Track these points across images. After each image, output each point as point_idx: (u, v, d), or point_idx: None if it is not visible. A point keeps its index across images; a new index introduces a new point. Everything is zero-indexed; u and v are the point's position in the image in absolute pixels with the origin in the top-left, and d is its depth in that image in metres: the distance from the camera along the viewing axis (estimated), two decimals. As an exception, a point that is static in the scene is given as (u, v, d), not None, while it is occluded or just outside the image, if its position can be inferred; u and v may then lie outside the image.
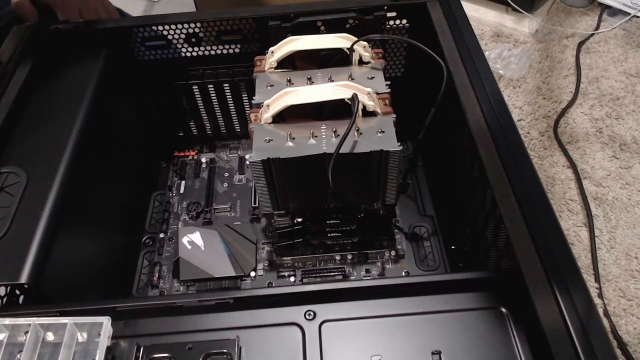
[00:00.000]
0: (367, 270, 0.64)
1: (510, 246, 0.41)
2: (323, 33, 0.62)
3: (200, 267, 0.64)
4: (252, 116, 0.52)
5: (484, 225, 0.50)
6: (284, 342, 0.40)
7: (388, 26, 0.65)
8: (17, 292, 0.45)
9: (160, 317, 0.41)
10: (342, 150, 0.46)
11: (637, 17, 1.10)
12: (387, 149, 0.47)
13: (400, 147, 0.48)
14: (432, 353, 0.38)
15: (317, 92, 0.49)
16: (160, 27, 0.64)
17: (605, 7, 1.14)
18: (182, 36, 0.65)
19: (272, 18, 0.62)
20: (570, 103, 0.95)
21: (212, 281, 0.64)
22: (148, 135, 0.76)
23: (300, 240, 0.62)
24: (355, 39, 0.54)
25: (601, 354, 0.34)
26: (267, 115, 0.50)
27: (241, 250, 0.65)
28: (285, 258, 0.65)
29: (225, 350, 0.39)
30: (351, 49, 0.54)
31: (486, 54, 0.96)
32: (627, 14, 1.10)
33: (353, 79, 0.53)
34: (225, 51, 0.67)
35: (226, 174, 0.76)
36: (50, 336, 0.39)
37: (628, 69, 1.00)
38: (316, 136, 0.49)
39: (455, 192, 0.61)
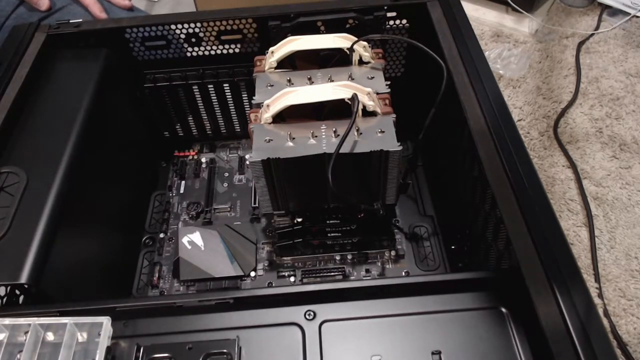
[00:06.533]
0: (367, 270, 0.64)
1: (510, 246, 0.41)
2: (323, 33, 0.62)
3: (200, 267, 0.64)
4: (252, 116, 0.52)
5: (484, 225, 0.50)
6: (284, 342, 0.40)
7: (388, 26, 0.65)
8: (17, 292, 0.45)
9: (160, 317, 0.41)
10: (342, 150, 0.46)
11: (637, 17, 1.10)
12: (387, 149, 0.47)
13: (400, 147, 0.48)
14: (432, 353, 0.38)
15: (317, 92, 0.49)
16: (160, 27, 0.64)
17: (605, 7, 1.14)
18: (182, 36, 0.65)
19: (272, 18, 0.62)
20: (570, 103, 0.95)
21: (212, 281, 0.64)
22: (148, 135, 0.76)
23: (300, 240, 0.62)
24: (355, 39, 0.54)
25: (601, 354, 0.33)
26: (267, 115, 0.50)
27: (241, 250, 0.65)
28: (285, 258, 0.65)
29: (225, 350, 0.39)
30: (351, 49, 0.54)
31: (486, 54, 0.96)
32: (627, 14, 1.10)
33: (353, 79, 0.53)
34: (225, 51, 0.67)
35: (226, 174, 0.76)
36: (50, 336, 0.39)
37: (628, 69, 1.00)
38: (316, 136, 0.49)
39: (455, 192, 0.61)
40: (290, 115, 0.51)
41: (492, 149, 0.47)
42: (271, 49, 0.56)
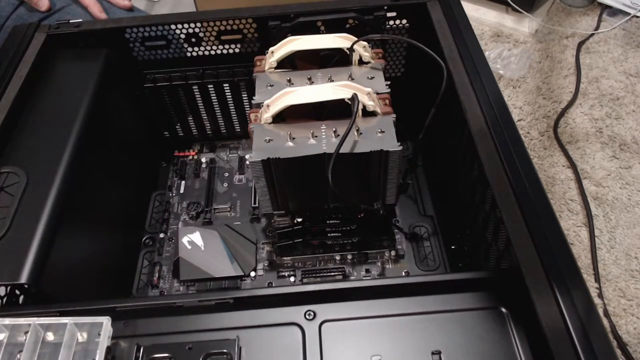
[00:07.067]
0: (367, 270, 0.64)
1: (510, 246, 0.41)
2: (323, 33, 0.62)
3: (200, 267, 0.64)
4: (252, 116, 0.52)
5: (484, 225, 0.50)
6: (284, 342, 0.40)
7: (388, 26, 0.65)
8: (17, 292, 0.45)
9: (160, 317, 0.41)
10: (342, 150, 0.46)
11: (637, 17, 1.10)
12: (387, 149, 0.47)
13: (400, 147, 0.48)
14: (432, 353, 0.38)
15: (317, 92, 0.49)
16: (160, 27, 0.64)
17: (605, 7, 1.14)
18: (182, 36, 0.65)
19: (272, 18, 0.62)
20: (570, 103, 0.95)
21: (212, 281, 0.64)
22: (148, 135, 0.76)
23: (300, 240, 0.62)
24: (355, 39, 0.54)
25: (601, 354, 0.33)
26: (267, 115, 0.50)
27: (241, 250, 0.65)
28: (285, 258, 0.65)
29: (225, 350, 0.39)
30: (351, 49, 0.54)
31: (486, 54, 0.96)
32: (627, 14, 1.10)
33: (353, 79, 0.53)
34: (225, 51, 0.67)
35: (226, 174, 0.76)
36: (50, 336, 0.39)
37: (628, 69, 1.00)
38: (316, 136, 0.49)
39: (455, 192, 0.61)
40: (290, 115, 0.51)
41: (492, 149, 0.47)
42: (271, 49, 0.56)
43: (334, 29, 0.61)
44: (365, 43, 0.55)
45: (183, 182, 0.76)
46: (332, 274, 0.64)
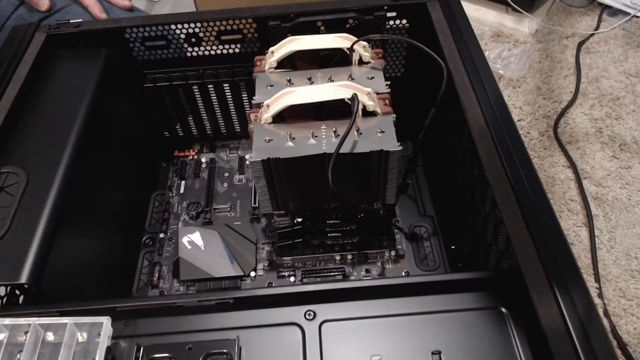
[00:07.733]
0: (367, 270, 0.64)
1: (510, 246, 0.41)
2: (323, 33, 0.62)
3: (200, 267, 0.64)
4: (252, 116, 0.52)
5: (484, 225, 0.50)
6: (284, 342, 0.40)
7: (388, 26, 0.65)
8: (17, 292, 0.45)
9: (160, 317, 0.41)
10: (342, 150, 0.46)
11: (637, 17, 1.10)
12: (387, 149, 0.47)
13: (400, 147, 0.48)
14: (432, 353, 0.38)
15: (317, 92, 0.49)
16: (160, 27, 0.64)
17: (605, 7, 1.14)
18: (182, 36, 0.65)
19: (272, 18, 0.62)
20: (570, 103, 0.95)
21: (212, 281, 0.64)
22: (148, 135, 0.76)
23: (300, 240, 0.62)
24: (355, 39, 0.54)
25: (601, 354, 0.33)
26: (267, 115, 0.50)
27: (241, 250, 0.65)
28: (285, 258, 0.65)
29: (225, 350, 0.39)
30: (351, 49, 0.54)
31: (486, 54, 0.96)
32: (627, 14, 1.10)
33: (353, 79, 0.53)
34: (225, 51, 0.67)
35: (226, 174, 0.76)
36: (50, 336, 0.39)
37: (628, 69, 1.00)
38: (316, 136, 0.49)
39: (455, 192, 0.61)
40: (290, 115, 0.51)
41: (492, 149, 0.47)
42: (271, 49, 0.56)
43: (334, 29, 0.61)
44: (365, 43, 0.55)
45: (183, 182, 0.76)
46: (332, 274, 0.64)
